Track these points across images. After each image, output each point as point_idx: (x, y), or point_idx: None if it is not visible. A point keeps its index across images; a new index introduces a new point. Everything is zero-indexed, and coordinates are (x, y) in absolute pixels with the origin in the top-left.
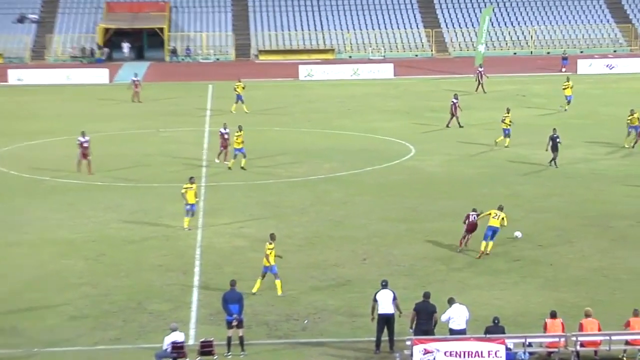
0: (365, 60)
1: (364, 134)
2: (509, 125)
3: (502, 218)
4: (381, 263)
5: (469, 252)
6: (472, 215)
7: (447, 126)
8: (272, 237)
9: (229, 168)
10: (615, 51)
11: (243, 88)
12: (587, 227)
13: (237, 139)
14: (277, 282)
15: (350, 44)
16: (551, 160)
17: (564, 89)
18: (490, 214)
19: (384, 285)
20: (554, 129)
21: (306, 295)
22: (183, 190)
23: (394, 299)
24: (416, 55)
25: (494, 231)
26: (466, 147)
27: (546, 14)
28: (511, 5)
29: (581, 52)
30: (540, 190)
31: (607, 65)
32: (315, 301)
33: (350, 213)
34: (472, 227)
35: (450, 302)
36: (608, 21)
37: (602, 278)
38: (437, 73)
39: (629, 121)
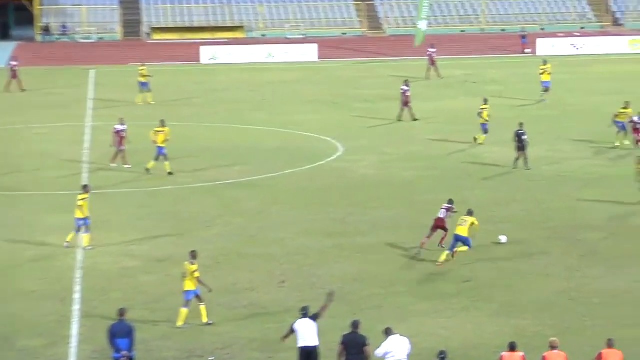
0: (282, 40)
1: (282, 130)
2: (487, 120)
3: (471, 224)
4: (303, 286)
5: (423, 261)
6: (443, 210)
7: (399, 120)
8: (194, 256)
9: (147, 169)
10: (582, 28)
11: (145, 76)
12: (551, 240)
13: (158, 136)
14: (202, 307)
15: (264, 20)
16: (516, 161)
17: (541, 74)
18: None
19: (305, 313)
20: (521, 123)
21: (212, 327)
22: (80, 203)
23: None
24: (344, 34)
25: (458, 240)
26: (405, 144)
27: None
28: None
29: (542, 29)
30: (495, 196)
31: (573, 45)
32: (224, 333)
33: (266, 226)
34: (438, 224)
35: (388, 333)
36: None
37: (569, 302)
38: (369, 55)
39: (616, 115)
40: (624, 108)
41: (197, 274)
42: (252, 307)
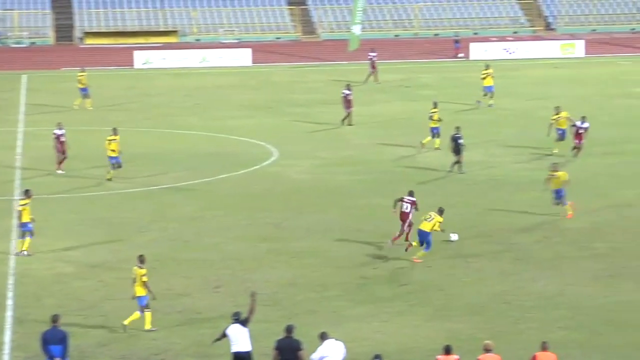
0: (216, 45)
1: (216, 134)
2: (438, 122)
3: (437, 223)
4: (238, 291)
5: (358, 266)
6: (406, 203)
7: (344, 123)
8: (142, 260)
9: (109, 180)
10: (515, 32)
11: (84, 83)
12: (485, 244)
13: (110, 145)
14: (147, 314)
15: (197, 24)
16: (453, 165)
17: (483, 78)
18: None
19: (236, 318)
20: (457, 127)
21: (147, 332)
22: (20, 208)
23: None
24: (278, 38)
25: (422, 236)
26: (340, 149)
27: None
28: None
29: (475, 33)
30: (430, 200)
31: (505, 50)
32: (159, 339)
33: (201, 231)
34: (403, 218)
35: (323, 337)
36: None
37: (503, 305)
38: (303, 59)
39: (553, 122)
40: (557, 114)
41: (145, 279)
42: (187, 313)
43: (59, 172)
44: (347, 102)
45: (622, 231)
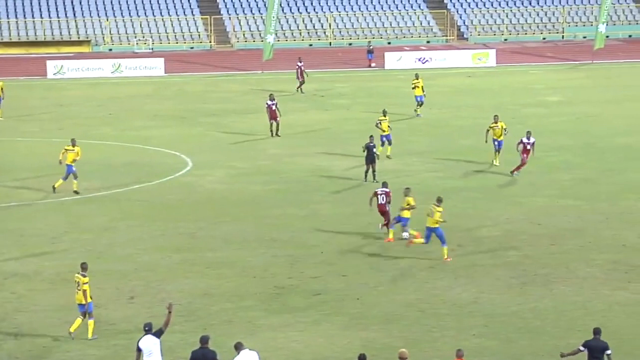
0: (130, 55)
1: (130, 144)
2: (388, 130)
3: (438, 214)
4: (152, 302)
5: (273, 275)
6: (380, 195)
7: (275, 134)
8: (85, 268)
9: (54, 187)
10: (428, 42)
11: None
12: (400, 253)
13: (68, 154)
14: (90, 322)
15: (110, 34)
16: (366, 173)
17: (413, 88)
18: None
19: (148, 329)
20: (371, 136)
21: (60, 344)
22: None
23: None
24: (192, 48)
25: (431, 232)
26: (254, 159)
27: None
28: None
29: (389, 43)
30: (344, 209)
31: (419, 59)
32: (73, 351)
33: (114, 242)
34: (381, 209)
35: (238, 348)
36: (420, 6)
37: (417, 313)
38: (217, 69)
39: (489, 129)
40: (495, 122)
41: (85, 287)
42: (100, 324)
43: None
44: (272, 113)
45: (535, 239)
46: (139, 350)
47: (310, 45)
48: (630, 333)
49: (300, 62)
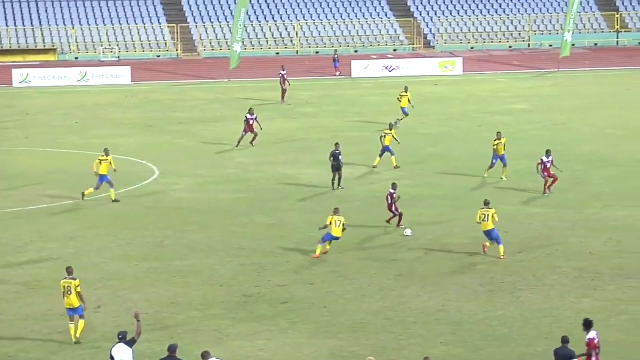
0: (96, 63)
1: (96, 153)
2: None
3: (493, 215)
4: (119, 311)
5: (240, 284)
6: (388, 196)
7: (250, 142)
8: (71, 272)
9: (83, 195)
10: (395, 50)
11: None
12: (367, 261)
13: (102, 164)
14: (82, 322)
15: (77, 42)
16: (333, 181)
17: (399, 99)
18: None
19: (121, 337)
20: (336, 143)
21: (26, 355)
22: None
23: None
24: (158, 56)
25: (490, 235)
26: (221, 167)
27: (314, 6)
28: None
29: (356, 51)
30: (311, 217)
31: (386, 67)
32: None
33: (81, 251)
34: (390, 209)
35: (205, 356)
36: (387, 15)
37: (385, 321)
38: (184, 77)
39: (495, 147)
40: (498, 139)
41: (79, 289)
42: (67, 334)
43: None
44: (249, 127)
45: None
46: (112, 358)
47: (277, 53)
48: None
49: (284, 70)
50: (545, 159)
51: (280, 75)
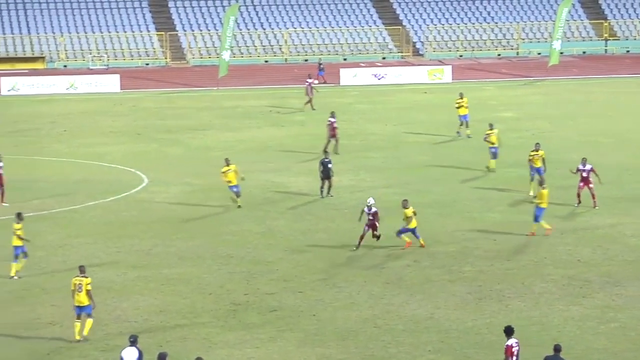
0: (85, 71)
1: (85, 161)
2: (494, 143)
3: (544, 195)
4: (108, 319)
5: (229, 292)
6: (366, 209)
7: (325, 150)
8: (83, 270)
9: (237, 205)
10: (384, 58)
11: None
12: (356, 269)
13: (228, 175)
14: (89, 321)
15: (65, 50)
16: (322, 188)
17: (458, 107)
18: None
19: (133, 341)
20: (326, 151)
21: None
22: (18, 232)
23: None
24: (147, 64)
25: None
26: (209, 175)
27: (302, 14)
28: (260, 3)
29: (345, 59)
30: (300, 225)
31: (374, 75)
32: None
33: (68, 259)
34: (371, 225)
35: None
36: (375, 23)
37: (373, 329)
38: (173, 85)
39: (530, 159)
40: (535, 150)
41: (89, 287)
42: (55, 343)
43: (5, 204)
44: (333, 131)
45: (490, 255)
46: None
47: (266, 61)
48: (585, 348)
49: (310, 78)
50: (580, 167)
51: (307, 83)
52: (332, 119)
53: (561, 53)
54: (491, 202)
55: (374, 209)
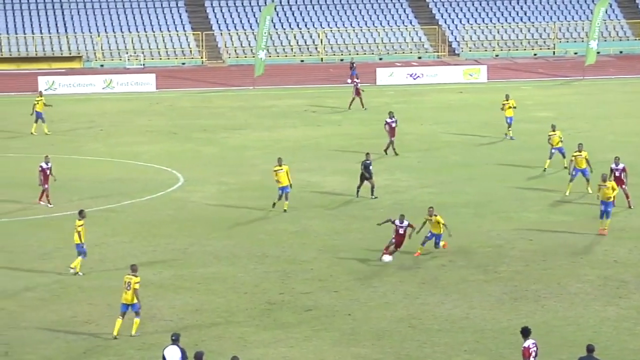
0: (121, 70)
1: (121, 160)
2: (560, 143)
3: (612, 188)
4: (144, 318)
5: (264, 292)
6: (401, 226)
7: (386, 151)
8: (135, 269)
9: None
10: (420, 58)
11: (45, 105)
12: (391, 268)
13: (279, 175)
14: (136, 320)
15: (102, 50)
16: (358, 188)
17: (502, 109)
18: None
19: (175, 339)
20: (367, 153)
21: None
22: (79, 229)
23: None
24: (183, 64)
25: (606, 206)
26: (245, 174)
27: (338, 14)
28: (296, 3)
29: (380, 59)
30: (335, 225)
31: (410, 75)
32: None
33: (105, 258)
34: (400, 241)
35: None
36: (411, 22)
37: (409, 329)
38: (209, 85)
39: (572, 159)
40: (579, 151)
41: (137, 286)
42: (92, 340)
43: (46, 204)
44: (392, 130)
45: (526, 255)
46: (164, 358)
47: (302, 61)
48: (621, 348)
49: (357, 78)
50: (613, 167)
51: (355, 83)
52: (391, 119)
53: (598, 53)
54: (527, 202)
55: (406, 222)
